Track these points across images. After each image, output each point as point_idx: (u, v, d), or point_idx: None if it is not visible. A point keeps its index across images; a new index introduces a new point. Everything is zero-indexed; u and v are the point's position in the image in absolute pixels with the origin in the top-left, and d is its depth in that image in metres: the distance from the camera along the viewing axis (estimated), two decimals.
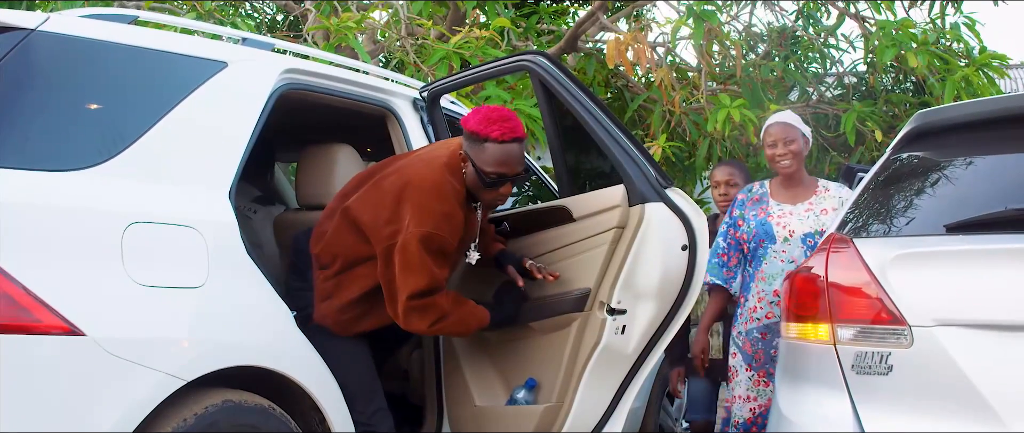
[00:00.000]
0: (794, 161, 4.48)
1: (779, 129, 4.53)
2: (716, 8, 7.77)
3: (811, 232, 4.36)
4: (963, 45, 7.92)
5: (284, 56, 3.74)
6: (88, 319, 2.59)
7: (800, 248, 4.36)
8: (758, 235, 4.44)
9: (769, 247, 4.42)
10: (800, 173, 4.54)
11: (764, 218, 4.47)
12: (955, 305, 2.79)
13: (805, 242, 4.35)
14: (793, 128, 4.52)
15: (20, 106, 2.78)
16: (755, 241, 4.45)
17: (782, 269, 4.36)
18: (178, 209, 2.95)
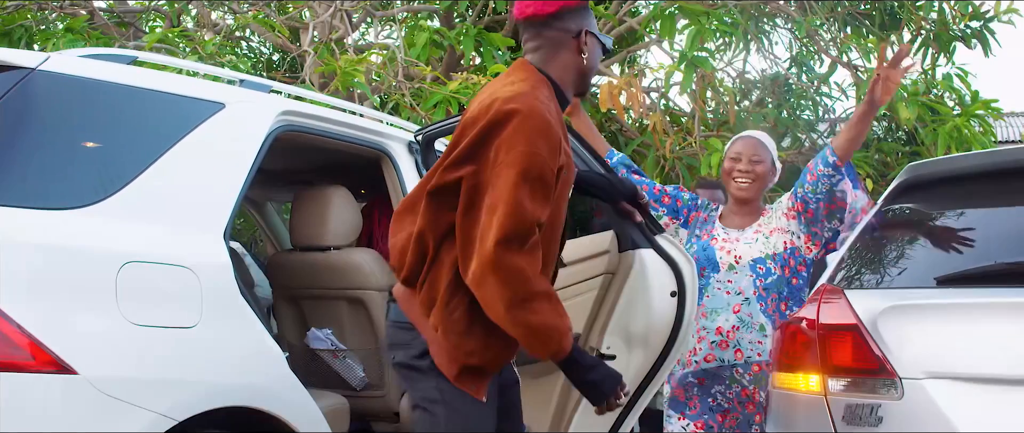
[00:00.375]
0: (754, 184, 3.94)
1: (745, 144, 3.99)
2: (709, 54, 7.84)
3: (761, 257, 3.84)
4: (955, 95, 7.98)
5: (281, 98, 3.76)
6: (81, 358, 2.60)
7: (748, 277, 3.83)
8: (699, 262, 3.86)
9: (712, 277, 3.88)
10: (756, 201, 4.00)
11: (707, 241, 3.93)
12: (946, 358, 2.79)
13: (754, 269, 3.84)
14: (763, 147, 3.98)
15: (19, 144, 2.80)
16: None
17: (727, 302, 3.84)
18: (173, 249, 2.96)
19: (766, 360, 3.76)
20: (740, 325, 3.85)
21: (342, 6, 7.46)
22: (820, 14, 8.25)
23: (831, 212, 3.83)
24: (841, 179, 3.76)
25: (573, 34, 2.83)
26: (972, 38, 8.33)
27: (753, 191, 3.95)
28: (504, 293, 2.54)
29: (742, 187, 3.94)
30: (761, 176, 3.95)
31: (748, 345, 3.84)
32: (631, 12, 8.66)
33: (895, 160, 8.38)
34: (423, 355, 2.70)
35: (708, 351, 3.85)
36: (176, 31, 7.09)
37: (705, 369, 3.88)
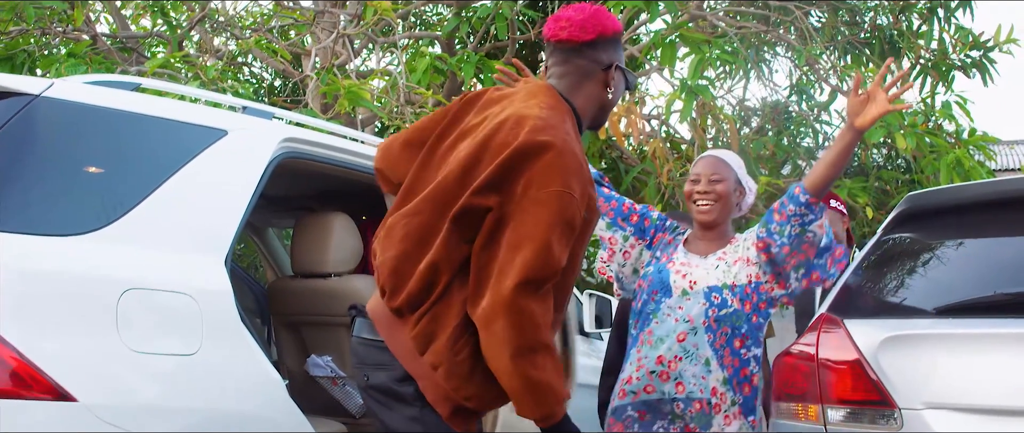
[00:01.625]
0: (716, 206, 3.59)
1: (705, 164, 3.67)
2: (709, 83, 7.87)
3: (718, 286, 3.48)
4: (954, 124, 8.01)
5: (283, 124, 3.77)
6: (80, 385, 2.59)
7: (700, 305, 3.46)
8: (652, 285, 3.56)
9: (663, 302, 3.52)
10: (723, 226, 3.65)
11: (664, 264, 3.60)
12: (944, 388, 2.80)
13: (709, 297, 3.47)
14: (724, 165, 3.65)
15: (21, 170, 2.81)
16: (647, 294, 3.55)
17: (673, 330, 3.46)
18: (174, 276, 2.96)
19: (709, 399, 3.38)
20: (683, 355, 3.45)
21: (344, 32, 7.50)
22: (820, 42, 8.29)
23: (798, 262, 3.39)
24: (814, 219, 3.36)
25: (603, 66, 2.75)
26: (971, 67, 8.36)
27: (716, 213, 3.59)
28: (513, 338, 2.40)
29: (703, 210, 3.59)
30: (723, 196, 3.58)
31: (691, 379, 3.43)
32: (632, 40, 8.70)
33: (895, 188, 8.40)
34: (404, 380, 2.57)
35: (647, 382, 3.46)
36: (178, 56, 7.12)
37: (645, 401, 3.48)
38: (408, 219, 2.57)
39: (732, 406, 3.38)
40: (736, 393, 3.39)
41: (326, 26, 7.85)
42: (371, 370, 2.64)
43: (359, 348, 2.70)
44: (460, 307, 2.51)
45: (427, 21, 10.47)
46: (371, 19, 7.12)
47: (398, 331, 2.56)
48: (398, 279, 2.55)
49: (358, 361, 2.70)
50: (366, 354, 2.67)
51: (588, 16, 2.71)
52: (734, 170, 3.64)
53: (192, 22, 7.96)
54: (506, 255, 2.44)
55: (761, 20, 8.58)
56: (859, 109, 3.23)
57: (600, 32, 2.71)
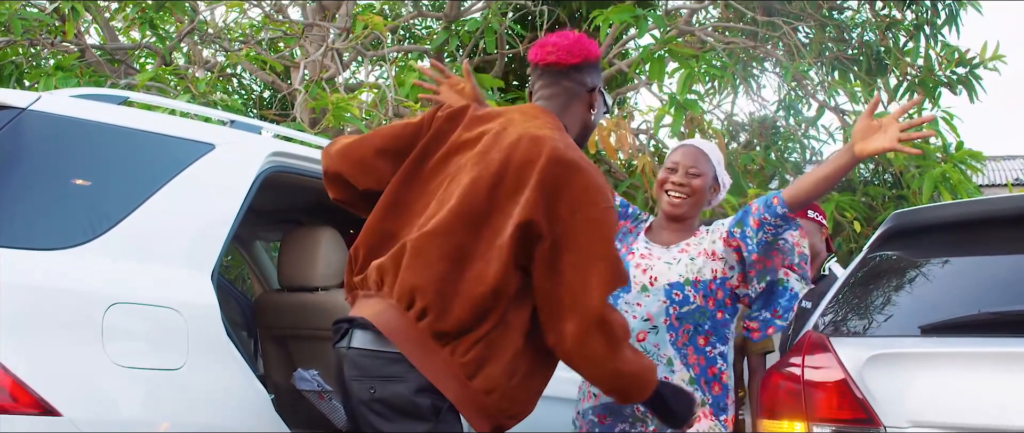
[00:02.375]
0: (689, 200, 3.41)
1: (685, 153, 3.46)
2: (698, 97, 7.89)
3: (680, 282, 3.31)
4: (941, 140, 8.04)
5: (271, 139, 3.77)
6: (65, 400, 2.58)
7: (660, 302, 3.31)
8: None
9: (621, 297, 3.34)
10: (691, 220, 3.47)
11: (624, 255, 3.41)
12: (930, 407, 2.81)
13: (669, 294, 3.30)
14: (705, 159, 3.45)
15: (8, 184, 2.80)
16: None
17: (633, 328, 3.26)
18: (160, 290, 2.95)
19: None
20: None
21: (333, 45, 7.50)
22: (808, 58, 8.33)
23: (764, 269, 3.31)
24: (787, 229, 3.27)
25: (587, 89, 2.89)
26: (957, 84, 8.40)
27: (686, 208, 3.41)
28: (610, 350, 2.59)
29: (673, 203, 3.40)
30: (698, 191, 3.41)
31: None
32: (621, 54, 8.72)
33: (881, 204, 8.42)
34: (422, 392, 2.57)
35: None
36: (168, 70, 7.11)
37: (605, 404, 3.34)
38: (441, 239, 2.61)
39: (701, 406, 3.28)
40: (705, 392, 3.31)
41: (315, 39, 7.85)
42: (377, 382, 2.62)
43: (362, 360, 2.66)
44: (517, 334, 2.62)
45: (416, 35, 10.49)
46: (361, 33, 7.13)
47: (434, 352, 2.58)
48: (443, 301, 2.58)
49: (359, 373, 2.65)
50: (371, 366, 2.63)
51: (573, 41, 2.87)
52: (714, 166, 3.47)
53: (181, 34, 7.95)
54: (577, 276, 2.57)
55: (749, 36, 8.61)
56: (866, 134, 3.11)
57: (585, 56, 2.87)
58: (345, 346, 2.71)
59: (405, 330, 2.61)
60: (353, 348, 2.69)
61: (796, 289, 3.35)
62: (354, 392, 2.68)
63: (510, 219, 2.59)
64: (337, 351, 2.77)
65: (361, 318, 2.69)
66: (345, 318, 2.77)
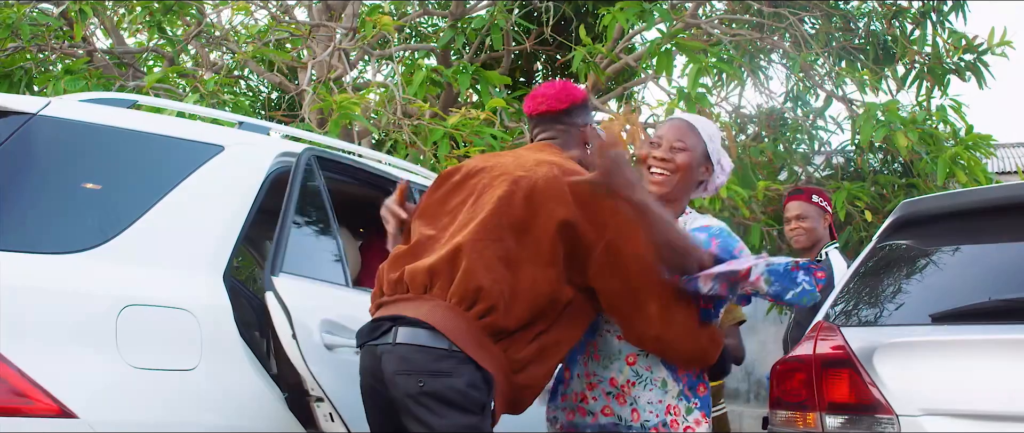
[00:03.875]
0: (672, 178, 3.10)
1: (669, 127, 3.17)
2: (706, 90, 7.88)
3: None
4: (949, 127, 8.02)
5: (280, 139, 3.79)
6: (81, 402, 2.61)
7: None
8: None
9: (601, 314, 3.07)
10: (678, 203, 3.16)
11: None
12: (941, 395, 2.81)
13: None
14: (692, 133, 3.13)
15: (20, 189, 2.82)
16: None
17: (619, 350, 3.09)
18: (172, 292, 2.97)
19: (664, 420, 3.05)
20: (636, 380, 3.08)
21: (340, 45, 7.52)
22: (814, 49, 8.31)
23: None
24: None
25: (579, 127, 3.15)
26: (966, 71, 8.37)
27: (670, 186, 3.10)
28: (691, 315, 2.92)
29: (656, 180, 3.09)
30: (683, 168, 3.09)
31: (646, 406, 3.06)
32: (627, 49, 8.72)
33: (891, 192, 8.40)
34: (471, 387, 2.75)
35: (605, 403, 3.10)
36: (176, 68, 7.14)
37: (602, 425, 3.12)
38: (494, 244, 2.82)
39: (690, 413, 3.07)
40: (690, 399, 3.07)
41: (322, 40, 7.86)
42: (426, 377, 2.77)
43: (411, 355, 2.80)
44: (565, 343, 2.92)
45: (423, 33, 10.50)
46: (370, 33, 7.14)
47: (487, 348, 2.79)
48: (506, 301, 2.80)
49: (407, 368, 2.79)
50: (420, 361, 2.78)
51: (560, 89, 3.15)
52: (704, 141, 3.15)
53: (188, 36, 7.97)
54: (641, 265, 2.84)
55: (755, 28, 8.60)
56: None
57: (572, 101, 3.13)
58: (389, 342, 2.83)
59: (464, 327, 2.78)
60: (400, 344, 2.81)
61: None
62: (400, 386, 2.80)
63: (551, 224, 2.81)
64: (374, 348, 2.87)
65: (406, 316, 2.83)
66: (386, 316, 2.88)
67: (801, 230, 4.81)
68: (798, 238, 4.83)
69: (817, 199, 4.85)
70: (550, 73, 11.25)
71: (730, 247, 3.00)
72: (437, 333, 2.77)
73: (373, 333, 2.89)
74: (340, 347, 3.24)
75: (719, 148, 3.20)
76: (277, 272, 3.17)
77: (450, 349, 2.76)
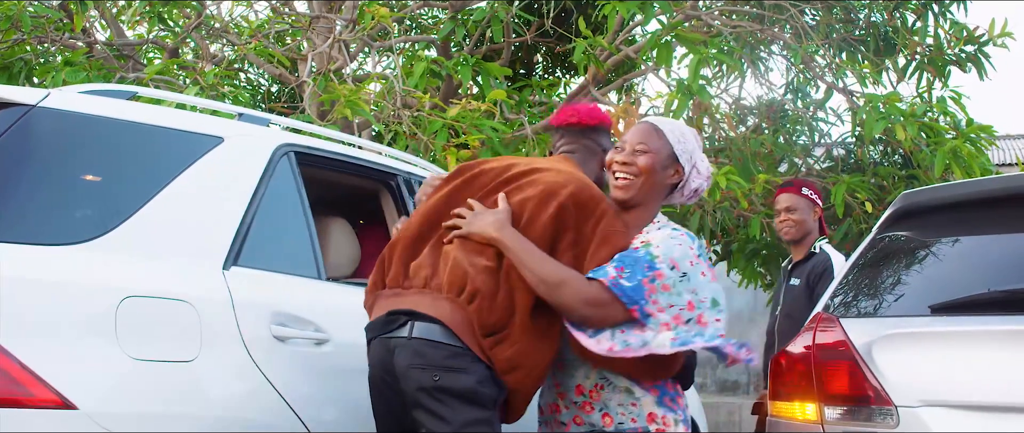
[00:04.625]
0: (635, 182, 3.03)
1: (633, 131, 3.11)
2: (706, 82, 7.87)
3: None
4: (950, 118, 8.01)
5: (279, 131, 3.78)
6: (81, 393, 2.61)
7: None
8: None
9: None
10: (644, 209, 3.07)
11: None
12: (941, 386, 2.82)
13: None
14: (656, 135, 3.07)
15: (19, 180, 2.82)
16: None
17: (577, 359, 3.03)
18: (172, 284, 2.97)
19: (646, 428, 3.00)
20: (604, 384, 3.05)
21: (340, 37, 7.51)
22: (815, 40, 8.30)
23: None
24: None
25: (602, 149, 3.24)
26: (967, 62, 8.36)
27: (633, 191, 3.02)
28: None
29: (618, 184, 3.03)
30: (646, 171, 3.01)
31: (618, 409, 3.03)
32: (627, 41, 8.70)
33: (891, 184, 8.40)
34: (483, 383, 2.83)
35: (575, 412, 3.07)
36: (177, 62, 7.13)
37: None
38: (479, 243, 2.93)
39: (677, 424, 3.03)
40: (675, 411, 3.04)
41: (321, 31, 7.86)
42: (441, 372, 2.84)
43: (426, 349, 2.86)
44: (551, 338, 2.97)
45: (423, 25, 10.49)
46: (368, 24, 7.13)
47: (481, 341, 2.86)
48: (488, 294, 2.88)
49: (423, 361, 2.85)
50: (435, 355, 2.85)
51: (591, 108, 3.26)
52: (670, 143, 3.06)
53: (188, 28, 7.96)
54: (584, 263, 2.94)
55: (756, 19, 8.59)
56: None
57: (600, 121, 3.26)
58: (404, 336, 2.89)
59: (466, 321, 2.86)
60: (415, 338, 2.88)
61: None
62: (414, 378, 2.86)
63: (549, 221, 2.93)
64: (387, 341, 2.93)
65: (419, 311, 2.90)
66: (402, 310, 2.94)
67: (791, 222, 4.83)
68: (788, 230, 4.85)
69: (807, 191, 4.89)
70: (550, 65, 11.24)
71: (636, 276, 2.87)
72: (450, 329, 2.86)
73: (387, 326, 2.95)
74: (293, 339, 3.26)
75: (692, 150, 3.12)
76: (229, 266, 3.17)
77: (464, 347, 2.85)
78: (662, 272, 2.88)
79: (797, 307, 4.67)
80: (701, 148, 3.19)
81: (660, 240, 2.96)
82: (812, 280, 4.68)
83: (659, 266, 2.89)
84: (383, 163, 4.21)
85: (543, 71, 11.32)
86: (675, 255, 2.92)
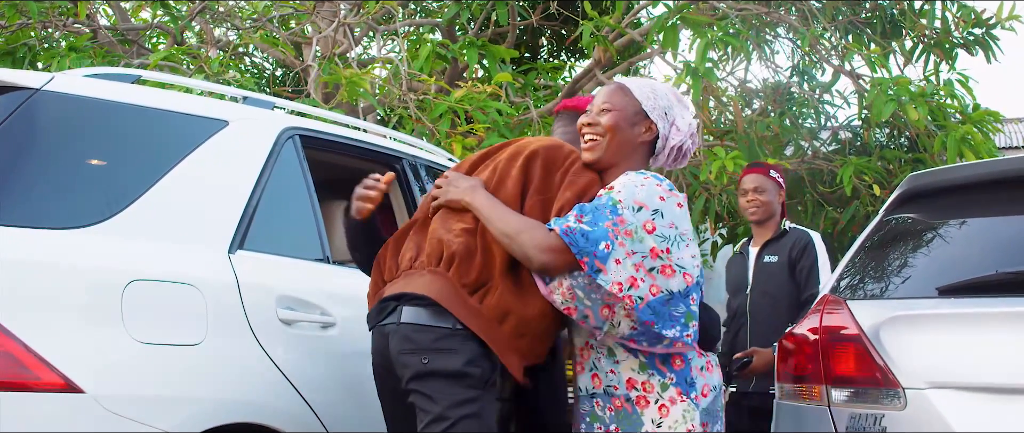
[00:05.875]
0: (601, 142, 2.99)
1: (599, 93, 3.08)
2: (713, 64, 7.85)
3: None
4: (957, 102, 7.99)
5: (284, 114, 3.78)
6: (87, 376, 2.61)
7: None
8: None
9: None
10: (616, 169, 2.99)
11: None
12: (948, 367, 2.81)
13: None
14: (620, 94, 3.03)
15: (24, 164, 2.82)
16: None
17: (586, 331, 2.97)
18: (178, 267, 2.97)
19: (626, 394, 2.94)
20: (593, 343, 3.01)
21: (345, 21, 7.50)
22: (822, 22, 8.27)
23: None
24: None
25: None
26: (974, 45, 8.33)
27: (601, 150, 2.98)
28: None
29: (586, 146, 3.01)
30: (610, 130, 2.97)
31: (605, 372, 2.97)
32: (633, 24, 8.68)
33: (898, 167, 8.38)
34: (472, 363, 2.82)
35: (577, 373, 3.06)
36: (181, 49, 7.12)
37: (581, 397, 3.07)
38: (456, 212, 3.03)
39: (665, 390, 2.91)
40: (665, 374, 2.92)
41: (326, 15, 7.84)
42: (430, 354, 2.84)
43: (414, 334, 2.86)
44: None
45: (427, 8, 10.47)
46: (373, 8, 7.12)
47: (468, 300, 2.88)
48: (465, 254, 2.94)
49: (412, 346, 2.85)
50: (423, 339, 2.85)
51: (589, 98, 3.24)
52: (637, 99, 3.00)
53: (192, 13, 7.95)
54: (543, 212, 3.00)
55: (761, 1, 8.56)
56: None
57: None
58: (394, 322, 2.90)
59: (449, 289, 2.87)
60: (404, 323, 2.88)
61: None
62: (404, 364, 2.87)
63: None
64: (383, 328, 2.95)
65: (407, 293, 2.89)
66: (391, 296, 2.95)
67: (758, 202, 4.85)
68: (754, 210, 4.87)
69: (775, 174, 4.92)
70: (556, 48, 11.22)
71: (598, 222, 2.82)
72: (439, 311, 2.85)
73: (380, 315, 2.97)
74: (299, 323, 3.27)
75: (667, 106, 3.03)
76: (235, 249, 3.17)
77: (453, 328, 2.83)
78: (624, 217, 2.82)
79: (775, 284, 4.69)
80: (683, 106, 3.10)
81: (622, 184, 2.90)
82: (794, 255, 4.71)
83: (622, 211, 2.82)
84: (388, 146, 4.20)
85: (548, 54, 11.30)
86: (639, 196, 2.85)
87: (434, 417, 2.80)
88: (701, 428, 2.90)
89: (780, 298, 4.69)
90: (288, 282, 3.31)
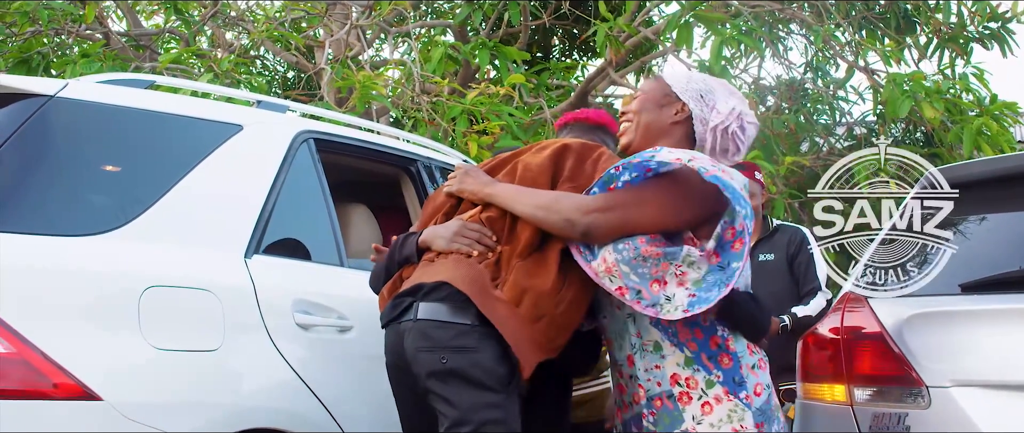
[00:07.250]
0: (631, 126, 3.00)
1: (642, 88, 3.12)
2: (727, 62, 7.81)
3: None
4: (973, 95, 7.94)
5: (298, 117, 3.77)
6: (105, 383, 2.60)
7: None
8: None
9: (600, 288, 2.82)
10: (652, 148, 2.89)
11: None
12: (972, 365, 2.78)
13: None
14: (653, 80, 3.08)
15: (39, 171, 2.81)
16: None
17: (625, 325, 2.88)
18: (194, 272, 2.96)
19: (669, 391, 2.81)
20: (635, 352, 2.87)
21: (357, 23, 7.49)
22: (835, 18, 8.23)
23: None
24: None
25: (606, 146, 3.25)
26: (990, 39, 8.28)
27: (632, 134, 2.98)
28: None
29: (619, 133, 3.06)
30: (638, 111, 2.99)
31: (644, 375, 2.84)
32: (646, 22, 8.65)
33: None
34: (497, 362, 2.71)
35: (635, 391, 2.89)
36: (191, 50, 7.13)
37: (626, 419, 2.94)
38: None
39: (711, 387, 2.78)
40: (711, 371, 2.78)
41: (338, 18, 7.84)
42: (449, 353, 2.73)
43: (432, 331, 2.76)
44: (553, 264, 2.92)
45: (439, 9, 10.46)
46: (386, 10, 7.11)
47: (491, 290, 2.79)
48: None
49: (429, 344, 2.75)
50: (441, 336, 2.75)
51: (601, 112, 3.46)
52: (667, 83, 3.00)
53: (205, 17, 7.96)
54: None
55: None
56: None
57: (608, 123, 3.39)
58: (410, 319, 2.80)
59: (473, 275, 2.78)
60: (421, 320, 2.78)
61: None
62: (422, 362, 2.76)
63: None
64: (398, 326, 2.84)
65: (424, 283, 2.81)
66: (406, 291, 2.86)
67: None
68: None
69: (759, 176, 5.00)
70: (568, 48, 11.19)
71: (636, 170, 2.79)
72: (457, 306, 2.74)
73: (395, 311, 2.88)
74: (316, 327, 3.25)
75: (703, 89, 2.96)
76: (251, 254, 3.16)
77: (473, 325, 2.72)
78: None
79: (774, 282, 4.71)
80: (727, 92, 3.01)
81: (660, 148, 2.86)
82: (790, 252, 4.79)
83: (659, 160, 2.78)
84: (403, 148, 4.19)
85: (560, 54, 11.27)
86: (678, 154, 2.79)
87: (455, 420, 2.70)
88: (755, 428, 2.76)
89: (781, 295, 4.69)
90: (304, 286, 3.30)
